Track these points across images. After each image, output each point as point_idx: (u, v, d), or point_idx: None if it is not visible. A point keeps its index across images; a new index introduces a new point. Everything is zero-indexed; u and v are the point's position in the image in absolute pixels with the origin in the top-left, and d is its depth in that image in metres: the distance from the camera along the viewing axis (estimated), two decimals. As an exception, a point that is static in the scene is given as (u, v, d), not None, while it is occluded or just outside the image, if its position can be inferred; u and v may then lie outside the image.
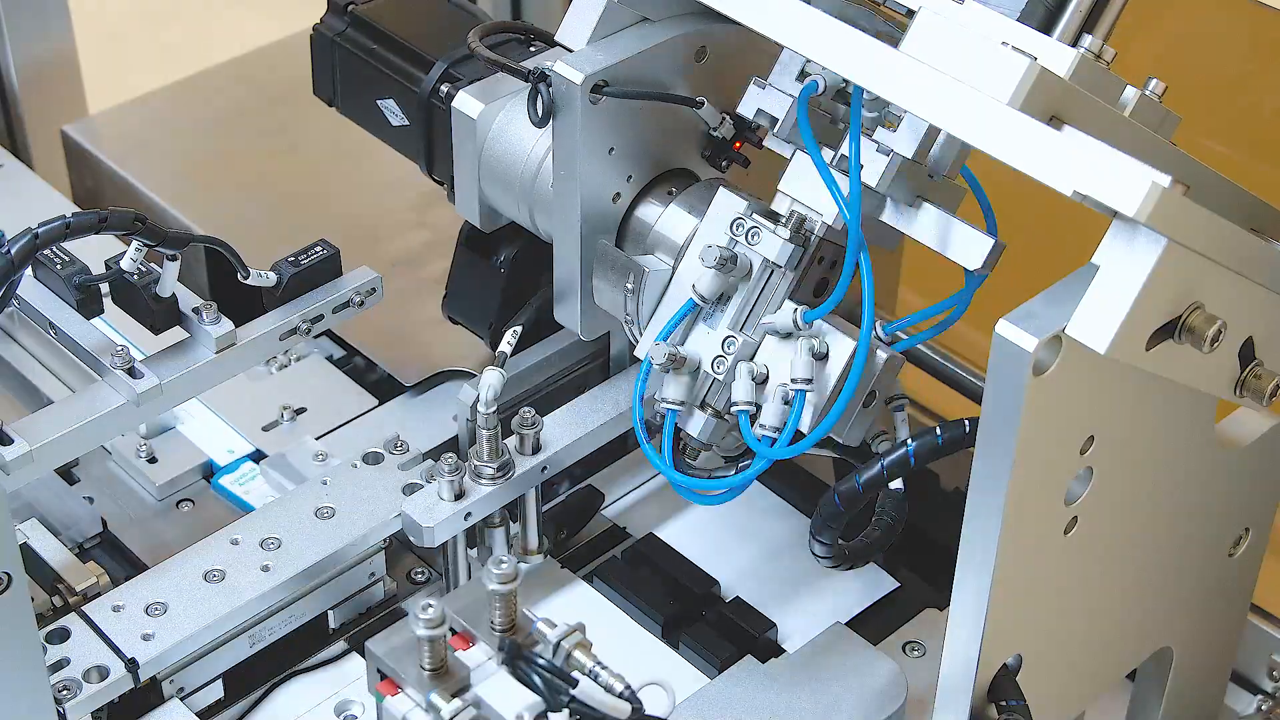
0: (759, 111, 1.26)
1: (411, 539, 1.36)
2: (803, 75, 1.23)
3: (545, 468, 1.39)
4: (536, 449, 1.39)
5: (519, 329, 1.42)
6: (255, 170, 1.87)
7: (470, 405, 1.38)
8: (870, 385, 1.24)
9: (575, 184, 1.33)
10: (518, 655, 1.14)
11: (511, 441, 1.38)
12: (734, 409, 1.25)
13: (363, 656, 1.37)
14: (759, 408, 1.24)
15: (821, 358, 1.23)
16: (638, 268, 1.31)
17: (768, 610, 1.41)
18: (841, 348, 1.23)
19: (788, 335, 1.24)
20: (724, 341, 1.27)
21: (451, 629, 1.20)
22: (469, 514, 1.36)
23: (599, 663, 1.15)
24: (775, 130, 1.26)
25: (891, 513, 1.29)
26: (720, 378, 1.27)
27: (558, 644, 1.16)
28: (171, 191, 1.82)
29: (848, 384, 1.21)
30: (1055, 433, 1.07)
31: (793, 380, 1.22)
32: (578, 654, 1.16)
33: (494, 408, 1.34)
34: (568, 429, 1.41)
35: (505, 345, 1.41)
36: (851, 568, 1.30)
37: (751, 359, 1.26)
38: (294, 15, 1.99)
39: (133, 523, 1.49)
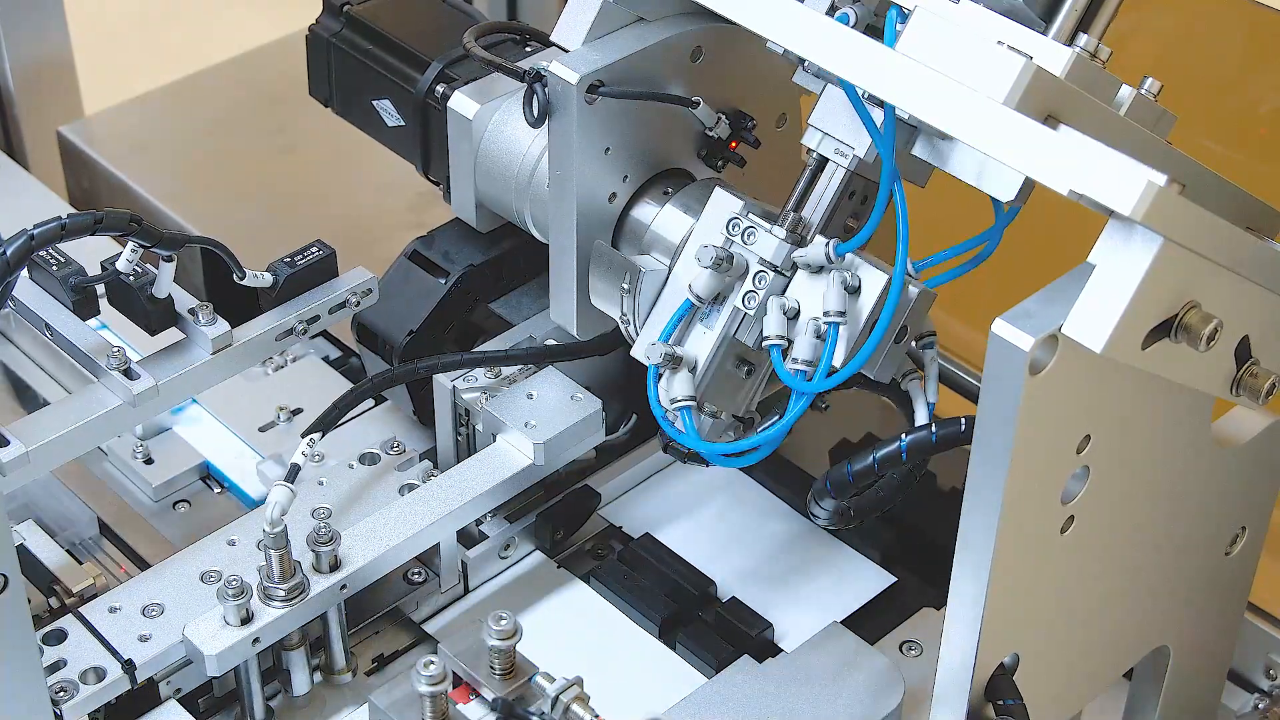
0: (787, 50, 1.23)
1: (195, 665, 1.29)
2: (832, 9, 1.20)
3: (344, 586, 1.31)
4: (335, 567, 1.31)
5: (315, 438, 1.36)
6: (251, 171, 1.87)
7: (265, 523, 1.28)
8: (903, 320, 1.22)
9: (571, 184, 1.33)
10: (511, 716, 1.17)
11: (307, 559, 1.31)
12: (766, 343, 1.23)
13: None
14: (791, 343, 1.23)
15: (854, 291, 1.22)
16: (634, 268, 1.31)
17: (764, 610, 1.41)
18: (874, 281, 1.21)
19: (819, 269, 1.23)
20: (755, 277, 1.26)
21: (454, 674, 1.23)
22: (257, 639, 1.28)
23: (596, 716, 1.17)
24: (805, 65, 1.24)
25: (896, 474, 1.28)
26: (751, 313, 1.26)
27: (556, 699, 1.19)
28: (167, 192, 1.82)
29: (881, 318, 1.20)
30: (1051, 432, 1.07)
31: (825, 314, 1.21)
32: (575, 708, 1.20)
33: (282, 526, 1.27)
34: (369, 544, 1.34)
35: (299, 456, 1.34)
36: (852, 525, 1.29)
37: (783, 294, 1.25)
38: (289, 16, 1.99)
39: (129, 524, 1.49)
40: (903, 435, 1.19)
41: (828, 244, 1.21)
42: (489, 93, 1.41)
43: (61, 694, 1.26)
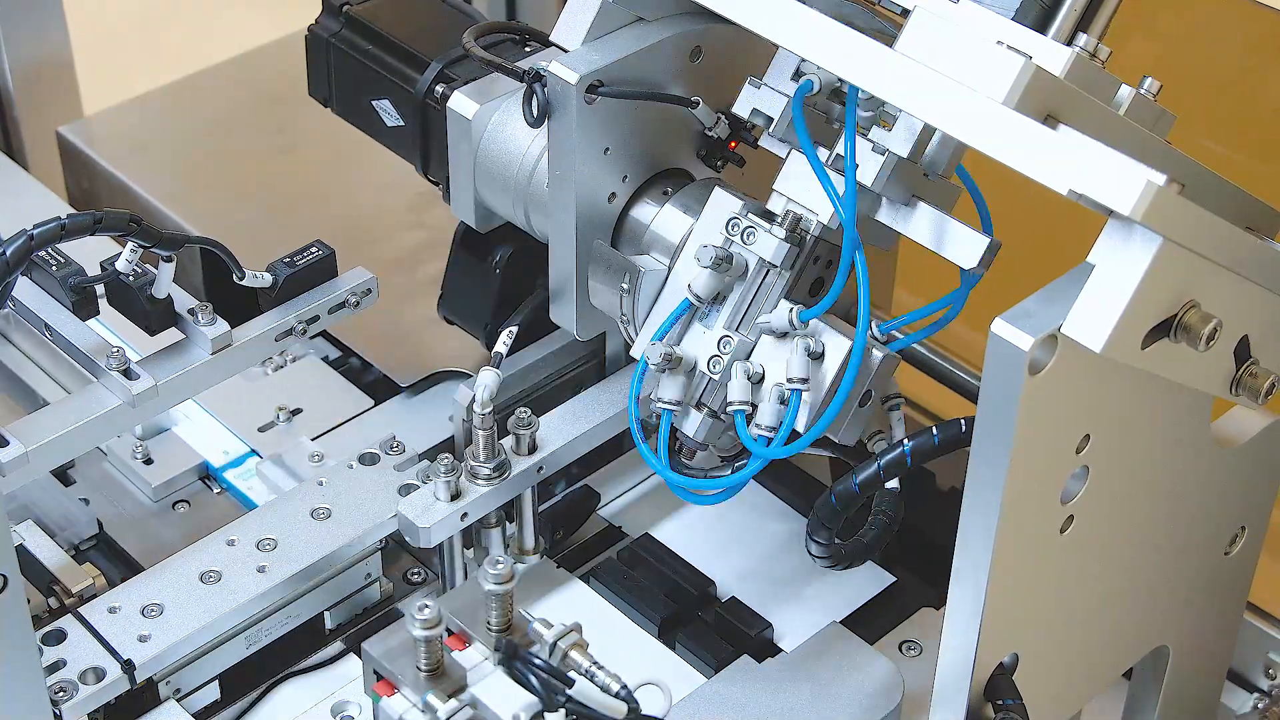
0: (754, 111, 1.26)
1: (407, 539, 1.35)
2: (798, 75, 1.23)
3: (541, 468, 1.39)
4: (533, 449, 1.38)
5: (514, 329, 1.42)
6: (250, 171, 1.87)
7: (466, 405, 1.37)
8: (866, 385, 1.24)
9: (570, 184, 1.33)
10: (514, 655, 1.14)
11: (508, 441, 1.38)
12: (730, 409, 1.25)
13: (359, 657, 1.38)
14: (755, 407, 1.24)
15: (817, 357, 1.23)
16: (633, 267, 1.31)
17: (764, 610, 1.41)
18: (837, 347, 1.23)
19: (784, 335, 1.24)
20: (720, 341, 1.27)
21: (448, 629, 1.21)
22: (465, 514, 1.35)
23: (595, 663, 1.15)
24: (770, 130, 1.26)
25: (888, 511, 1.29)
26: (716, 378, 1.27)
27: (554, 644, 1.16)
28: (167, 192, 1.82)
29: (843, 383, 1.21)
30: (1051, 431, 1.07)
31: (788, 380, 1.22)
32: (574, 654, 1.16)
33: (490, 408, 1.34)
34: (564, 429, 1.41)
35: (501, 345, 1.40)
36: (848, 567, 1.30)
37: (748, 358, 1.26)
38: (289, 16, 1.99)
39: (129, 524, 1.49)
40: (905, 440, 1.20)
41: (791, 310, 1.23)
42: (488, 93, 1.41)
43: (61, 694, 1.26)
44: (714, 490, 1.29)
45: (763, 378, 1.25)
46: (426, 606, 1.16)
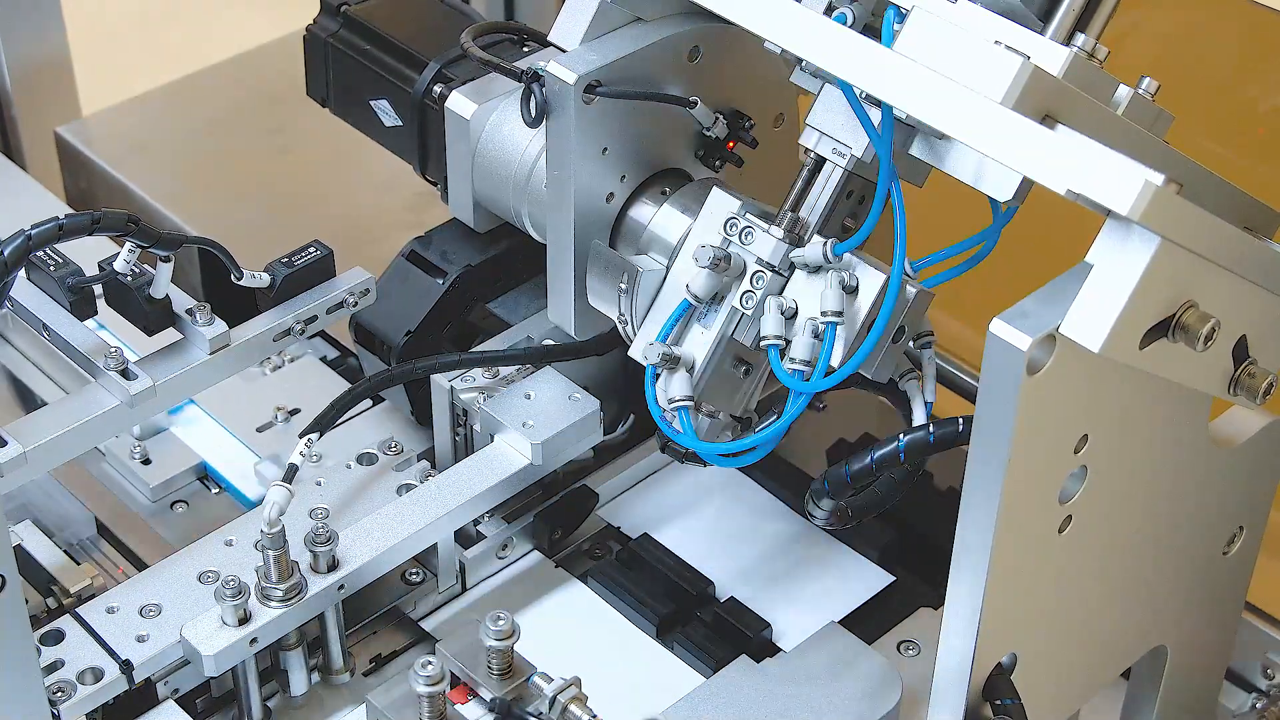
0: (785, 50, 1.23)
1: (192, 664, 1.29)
2: (830, 9, 1.20)
3: (343, 586, 1.31)
4: (333, 567, 1.31)
5: (314, 437, 1.36)
6: (249, 171, 1.87)
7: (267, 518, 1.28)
8: (900, 319, 1.22)
9: (569, 184, 1.33)
10: (508, 716, 1.17)
11: (305, 559, 1.31)
12: (764, 343, 1.23)
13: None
14: (789, 343, 1.23)
15: (852, 291, 1.21)
16: (631, 268, 1.31)
17: (762, 610, 1.41)
18: (872, 281, 1.21)
19: (817, 269, 1.23)
20: (753, 277, 1.25)
21: (452, 674, 1.23)
22: (255, 639, 1.28)
23: (594, 716, 1.17)
24: (802, 65, 1.23)
25: (895, 474, 1.28)
26: (749, 312, 1.26)
27: (554, 699, 1.19)
28: (165, 192, 1.82)
29: (879, 318, 1.20)
30: (1049, 431, 1.07)
31: (823, 313, 1.21)
32: (573, 708, 1.20)
33: (280, 526, 1.27)
34: (367, 544, 1.34)
35: (297, 456, 1.34)
36: (850, 525, 1.29)
37: (781, 293, 1.25)
38: (288, 16, 1.99)
39: (127, 524, 1.49)
40: (901, 435, 1.19)
41: (825, 244, 1.21)
42: (486, 93, 1.41)
43: (59, 694, 1.26)
44: (751, 448, 1.26)
45: (796, 313, 1.23)
46: (430, 663, 1.19)
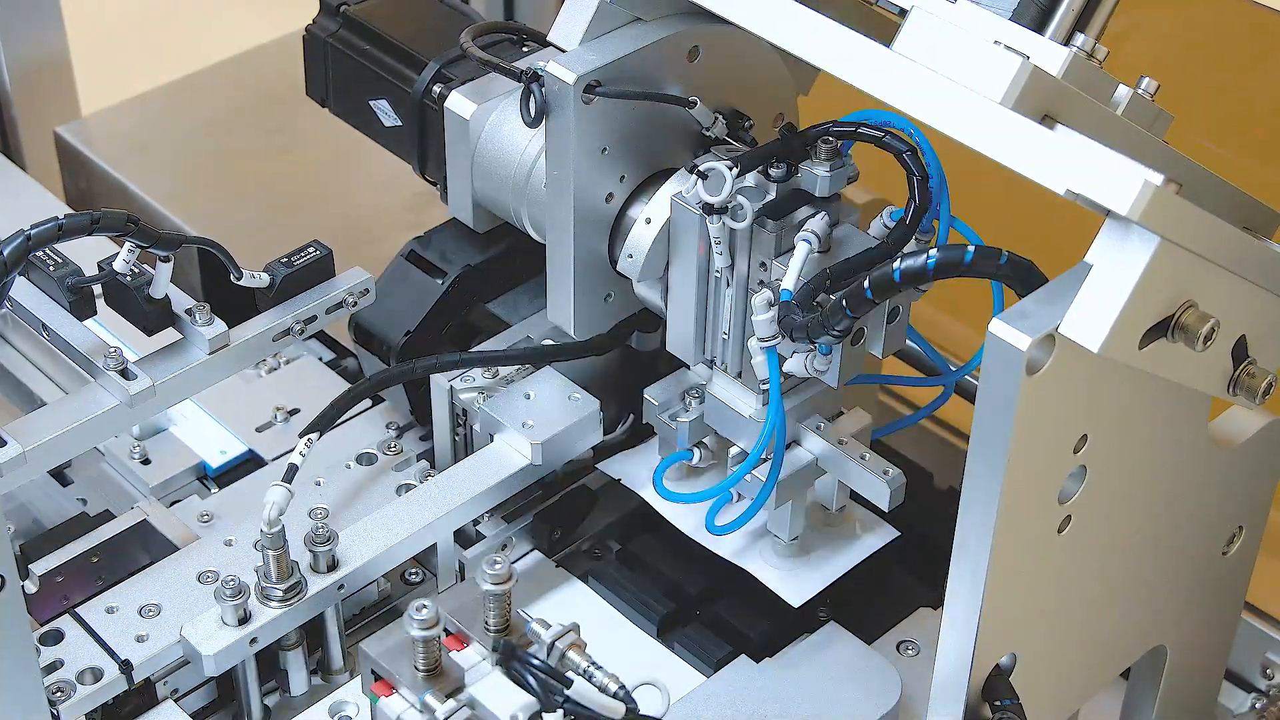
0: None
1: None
2: None
3: (343, 586, 1.32)
4: (333, 566, 1.32)
5: (313, 438, 1.36)
6: (248, 171, 1.87)
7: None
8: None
9: (568, 184, 1.33)
10: (512, 656, 1.14)
11: (305, 559, 1.31)
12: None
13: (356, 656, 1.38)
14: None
15: None
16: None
17: (762, 609, 1.41)
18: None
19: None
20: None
21: (446, 630, 1.20)
22: (255, 639, 1.28)
23: (593, 663, 1.15)
24: None
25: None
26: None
27: (552, 644, 1.16)
28: (164, 192, 1.82)
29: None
30: (1049, 431, 1.07)
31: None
32: (572, 654, 1.16)
33: (279, 526, 1.27)
34: (366, 544, 1.34)
35: (297, 457, 1.34)
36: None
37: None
38: (288, 16, 1.99)
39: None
40: (933, 250, 1.08)
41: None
42: (486, 93, 1.41)
43: (59, 694, 1.26)
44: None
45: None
46: (424, 606, 1.16)
